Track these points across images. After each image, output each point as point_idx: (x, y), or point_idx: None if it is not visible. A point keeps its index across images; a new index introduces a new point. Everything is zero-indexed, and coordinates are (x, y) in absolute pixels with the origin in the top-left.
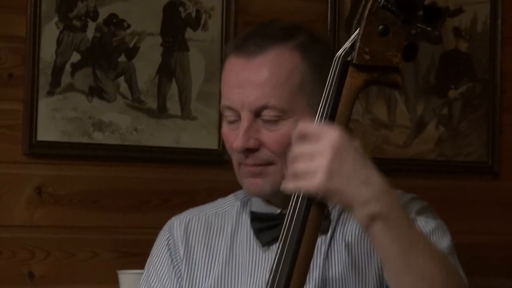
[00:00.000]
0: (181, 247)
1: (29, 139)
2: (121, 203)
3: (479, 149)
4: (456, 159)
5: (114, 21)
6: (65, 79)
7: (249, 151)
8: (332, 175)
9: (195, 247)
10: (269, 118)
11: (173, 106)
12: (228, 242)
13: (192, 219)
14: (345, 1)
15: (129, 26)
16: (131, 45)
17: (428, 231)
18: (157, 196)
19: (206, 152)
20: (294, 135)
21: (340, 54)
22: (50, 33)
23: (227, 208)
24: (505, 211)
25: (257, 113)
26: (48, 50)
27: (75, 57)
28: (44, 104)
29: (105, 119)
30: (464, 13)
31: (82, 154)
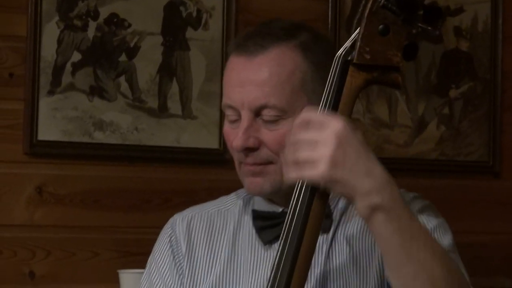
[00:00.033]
0: (183, 244)
1: (29, 139)
2: (122, 202)
3: (480, 148)
4: (457, 158)
5: (115, 20)
6: (66, 78)
7: (249, 150)
8: (335, 165)
9: (197, 244)
10: (269, 118)
11: (173, 106)
12: (230, 240)
13: (195, 217)
14: (345, 0)
15: (129, 25)
16: (131, 45)
17: (430, 228)
18: (158, 195)
19: (207, 152)
20: (297, 122)
21: (341, 54)
22: (50, 32)
23: (229, 206)
24: (506, 210)
25: (257, 113)
26: (48, 50)
27: (76, 56)
28: (45, 104)
29: (105, 119)
30: (465, 13)
31: (83, 153)
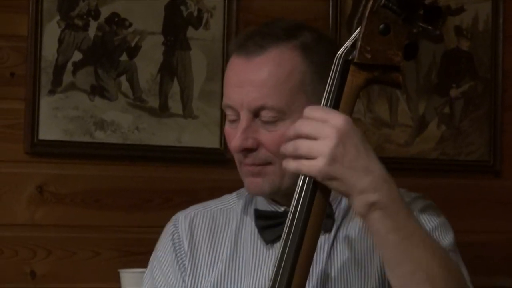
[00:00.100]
0: (185, 241)
1: (30, 138)
2: (123, 202)
3: (480, 148)
4: (457, 158)
5: (116, 20)
6: (67, 78)
7: (248, 151)
8: (334, 160)
9: (199, 242)
10: (267, 119)
11: (174, 105)
12: (232, 239)
13: (197, 215)
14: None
15: (130, 25)
16: (132, 44)
17: (431, 227)
18: (158, 195)
19: (208, 151)
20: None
21: (341, 53)
22: (51, 32)
23: (232, 205)
24: (507, 210)
25: (255, 113)
26: (49, 49)
27: (77, 56)
28: (46, 103)
29: (106, 118)
30: (466, 12)
31: (84, 153)
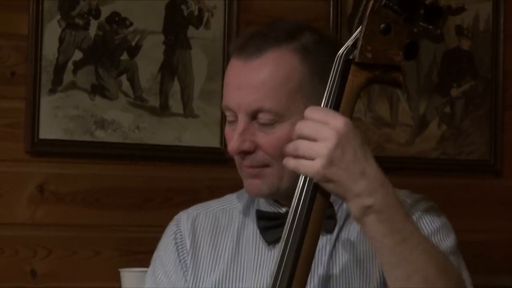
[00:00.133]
0: (187, 241)
1: (31, 137)
2: (123, 201)
3: (481, 147)
4: (458, 157)
5: (116, 19)
6: (67, 77)
7: (245, 153)
8: (332, 162)
9: (201, 242)
10: (264, 121)
11: (175, 104)
12: (234, 239)
13: (200, 214)
14: None
15: (131, 24)
16: (133, 43)
17: (432, 229)
18: (159, 194)
19: (208, 150)
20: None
21: (342, 53)
22: (52, 31)
23: (234, 205)
24: (507, 209)
25: (253, 116)
26: (50, 48)
27: (77, 55)
28: (46, 102)
29: (107, 117)
30: (466, 12)
31: (84, 152)
